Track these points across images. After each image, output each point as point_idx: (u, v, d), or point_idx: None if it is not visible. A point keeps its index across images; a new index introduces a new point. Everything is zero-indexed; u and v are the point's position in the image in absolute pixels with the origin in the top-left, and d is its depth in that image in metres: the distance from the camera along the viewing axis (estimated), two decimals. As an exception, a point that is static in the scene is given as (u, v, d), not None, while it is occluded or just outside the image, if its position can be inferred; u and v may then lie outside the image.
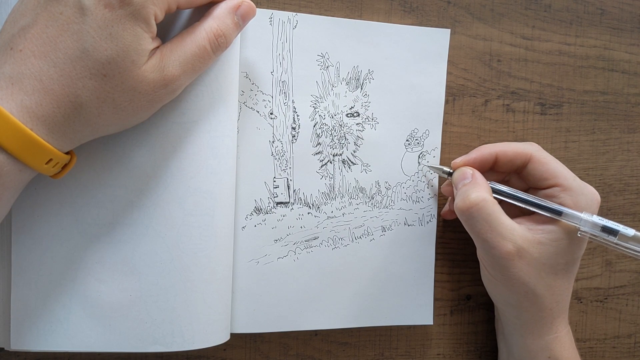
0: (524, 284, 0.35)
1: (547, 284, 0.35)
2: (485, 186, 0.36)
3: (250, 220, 0.37)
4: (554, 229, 0.35)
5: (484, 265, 0.37)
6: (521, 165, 0.37)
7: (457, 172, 0.37)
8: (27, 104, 0.25)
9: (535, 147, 0.38)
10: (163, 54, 0.29)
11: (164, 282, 0.33)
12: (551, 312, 0.36)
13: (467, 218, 0.35)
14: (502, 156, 0.37)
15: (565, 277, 0.36)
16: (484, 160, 0.38)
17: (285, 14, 0.36)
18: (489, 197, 0.35)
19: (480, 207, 0.34)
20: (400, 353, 0.41)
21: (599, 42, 0.44)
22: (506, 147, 0.38)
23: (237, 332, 0.37)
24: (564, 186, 0.36)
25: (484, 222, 0.34)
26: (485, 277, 0.38)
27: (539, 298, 0.36)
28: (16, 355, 0.36)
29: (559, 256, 0.35)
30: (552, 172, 0.36)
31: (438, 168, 0.39)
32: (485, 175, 0.38)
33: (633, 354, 0.46)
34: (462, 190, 0.36)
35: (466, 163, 0.38)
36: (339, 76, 0.38)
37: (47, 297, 0.32)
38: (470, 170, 0.37)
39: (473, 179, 0.36)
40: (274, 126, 0.37)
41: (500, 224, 0.34)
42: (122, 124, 0.29)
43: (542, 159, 0.37)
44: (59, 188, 0.32)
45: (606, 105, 0.44)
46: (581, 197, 0.36)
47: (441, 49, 0.40)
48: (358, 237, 0.39)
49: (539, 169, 0.37)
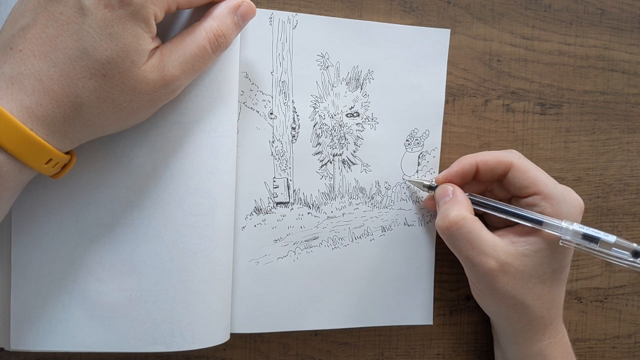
0: (511, 297, 0.35)
1: (535, 294, 0.35)
2: (465, 203, 0.36)
3: (250, 220, 0.37)
4: (536, 239, 0.35)
5: (471, 280, 0.37)
6: (502, 173, 0.37)
7: (439, 190, 0.38)
8: (27, 104, 0.25)
9: (515, 155, 0.37)
10: (163, 54, 0.29)
11: (164, 282, 0.33)
12: (542, 319, 0.36)
13: (448, 237, 0.35)
14: (482, 166, 0.37)
15: (554, 284, 0.36)
16: (465, 171, 0.37)
17: (285, 14, 0.36)
18: (468, 215, 0.35)
19: (460, 226, 0.34)
20: (400, 353, 0.41)
21: (599, 42, 0.44)
22: (487, 156, 0.37)
23: (237, 332, 0.37)
24: (544, 194, 0.35)
25: (465, 240, 0.34)
26: (474, 291, 0.38)
27: (528, 308, 0.35)
28: (16, 355, 0.36)
29: (545, 266, 0.35)
30: (532, 179, 0.36)
31: (418, 182, 0.39)
32: (468, 186, 0.38)
33: (633, 354, 0.46)
34: (442, 208, 0.36)
35: (448, 177, 0.38)
36: (339, 76, 0.38)
37: (47, 297, 0.32)
38: (451, 187, 0.37)
39: (453, 197, 0.36)
40: (273, 126, 0.37)
41: (481, 241, 0.34)
42: (122, 124, 0.29)
43: (523, 167, 0.36)
44: (59, 188, 0.32)
45: (606, 105, 0.44)
46: (562, 205, 0.35)
47: (441, 49, 0.40)
48: (358, 237, 0.39)
49: (519, 177, 0.36)
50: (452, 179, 0.38)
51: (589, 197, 0.44)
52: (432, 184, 0.38)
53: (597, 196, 0.45)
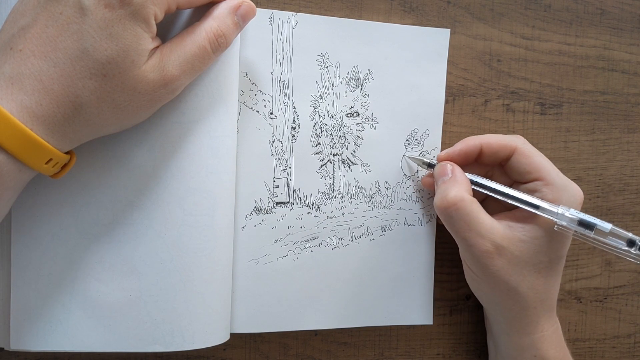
0: (505, 282, 0.35)
1: (529, 283, 0.35)
2: (464, 183, 0.36)
3: (250, 220, 0.37)
4: (534, 226, 0.35)
5: (466, 264, 0.37)
6: (505, 157, 0.37)
7: (438, 167, 0.37)
8: (27, 103, 0.25)
9: (520, 140, 0.37)
10: (163, 54, 0.29)
11: (164, 282, 0.33)
12: (535, 310, 0.36)
13: (446, 217, 0.35)
14: (486, 148, 0.37)
15: (549, 275, 0.36)
16: (469, 152, 0.37)
17: (285, 14, 0.36)
18: (467, 195, 0.35)
19: (458, 207, 0.34)
20: (400, 353, 0.41)
21: (599, 42, 0.44)
22: (491, 138, 0.37)
23: (237, 332, 0.37)
24: (546, 180, 0.35)
25: (462, 221, 0.34)
26: (468, 275, 0.38)
27: (522, 297, 0.35)
28: (16, 355, 0.36)
29: (541, 254, 0.35)
30: (535, 165, 0.36)
31: (418, 159, 0.39)
32: (469, 168, 0.38)
33: (633, 354, 0.46)
34: (441, 188, 0.36)
35: (451, 155, 0.37)
36: (338, 76, 0.38)
37: (47, 297, 0.32)
38: (450, 165, 0.37)
39: (453, 175, 0.36)
40: (273, 126, 0.37)
41: (479, 223, 0.34)
42: (122, 124, 0.29)
43: (527, 152, 0.36)
44: (59, 188, 0.32)
45: (606, 105, 0.44)
46: (563, 193, 0.35)
47: (441, 49, 0.40)
48: (358, 237, 0.39)
49: (522, 161, 0.36)
50: (455, 157, 0.37)
51: (589, 197, 0.44)
52: (432, 162, 0.38)
53: (597, 196, 0.45)
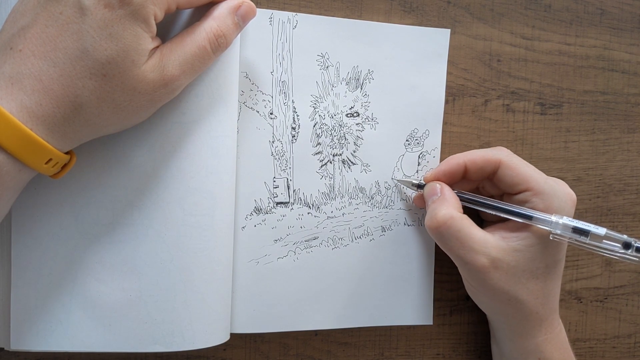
0: (504, 293, 0.35)
1: (528, 289, 0.35)
2: (453, 201, 0.36)
3: (250, 220, 0.37)
4: (528, 234, 0.35)
5: (464, 278, 0.37)
6: (491, 171, 0.37)
7: (427, 188, 0.37)
8: (26, 103, 0.25)
9: (504, 153, 0.37)
10: (163, 54, 0.29)
11: (164, 282, 0.33)
12: (537, 315, 0.36)
13: (438, 236, 0.35)
14: (471, 165, 0.37)
15: (548, 279, 0.36)
16: (453, 171, 0.37)
17: (285, 14, 0.36)
18: (456, 213, 0.35)
19: (448, 226, 0.34)
20: (400, 353, 0.41)
21: (599, 42, 0.44)
22: (475, 155, 0.37)
23: (237, 332, 0.37)
24: (534, 190, 0.35)
25: (454, 239, 0.34)
26: (468, 289, 0.38)
27: (522, 303, 0.35)
28: (16, 355, 0.36)
29: (537, 261, 0.35)
30: (522, 176, 0.36)
31: (407, 182, 0.39)
32: (459, 184, 0.38)
33: (633, 354, 0.46)
34: (431, 208, 0.36)
35: (436, 176, 0.38)
36: (338, 76, 0.38)
37: (47, 297, 0.32)
38: (438, 185, 0.37)
39: (441, 195, 0.36)
40: (273, 126, 0.37)
41: (471, 239, 0.34)
42: (122, 124, 0.29)
43: (512, 164, 0.36)
44: (59, 188, 0.32)
45: (606, 105, 0.44)
46: (554, 200, 0.35)
47: (441, 49, 0.40)
48: (358, 237, 0.39)
49: (508, 174, 0.36)
50: (441, 177, 0.38)
51: (589, 197, 0.44)
52: (421, 183, 0.38)
53: (597, 196, 0.45)
